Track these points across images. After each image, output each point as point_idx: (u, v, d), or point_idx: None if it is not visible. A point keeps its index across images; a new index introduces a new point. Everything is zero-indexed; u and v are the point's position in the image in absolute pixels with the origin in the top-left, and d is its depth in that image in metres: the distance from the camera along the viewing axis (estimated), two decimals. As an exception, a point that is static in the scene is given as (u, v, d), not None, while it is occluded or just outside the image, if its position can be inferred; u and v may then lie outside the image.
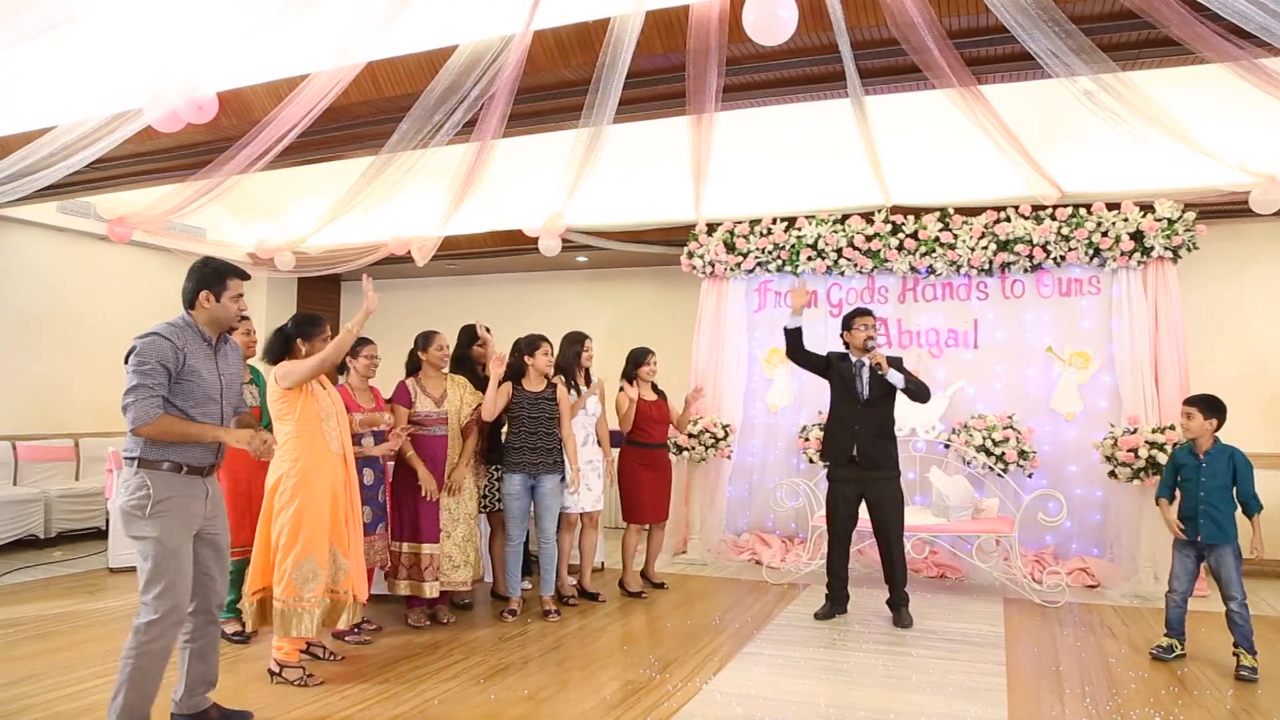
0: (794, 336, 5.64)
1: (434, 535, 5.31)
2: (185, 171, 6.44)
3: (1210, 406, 4.74)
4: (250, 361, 5.13)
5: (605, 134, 5.43)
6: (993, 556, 6.50)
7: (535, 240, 7.74)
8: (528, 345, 5.60)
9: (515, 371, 5.60)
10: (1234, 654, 4.61)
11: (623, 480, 6.31)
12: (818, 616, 5.58)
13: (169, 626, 3.37)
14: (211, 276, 3.57)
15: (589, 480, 5.98)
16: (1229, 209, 6.49)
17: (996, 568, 6.41)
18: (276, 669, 4.27)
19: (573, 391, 5.84)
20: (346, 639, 4.95)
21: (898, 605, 5.50)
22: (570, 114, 5.37)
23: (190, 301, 3.57)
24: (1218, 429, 4.74)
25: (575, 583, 6.15)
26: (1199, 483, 4.70)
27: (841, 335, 5.67)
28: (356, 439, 4.97)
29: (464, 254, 8.92)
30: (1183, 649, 4.83)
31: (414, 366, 5.55)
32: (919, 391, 5.52)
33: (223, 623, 4.81)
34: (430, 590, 5.28)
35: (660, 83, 5.09)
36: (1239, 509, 4.65)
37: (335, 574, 4.29)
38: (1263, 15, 3.89)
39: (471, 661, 4.68)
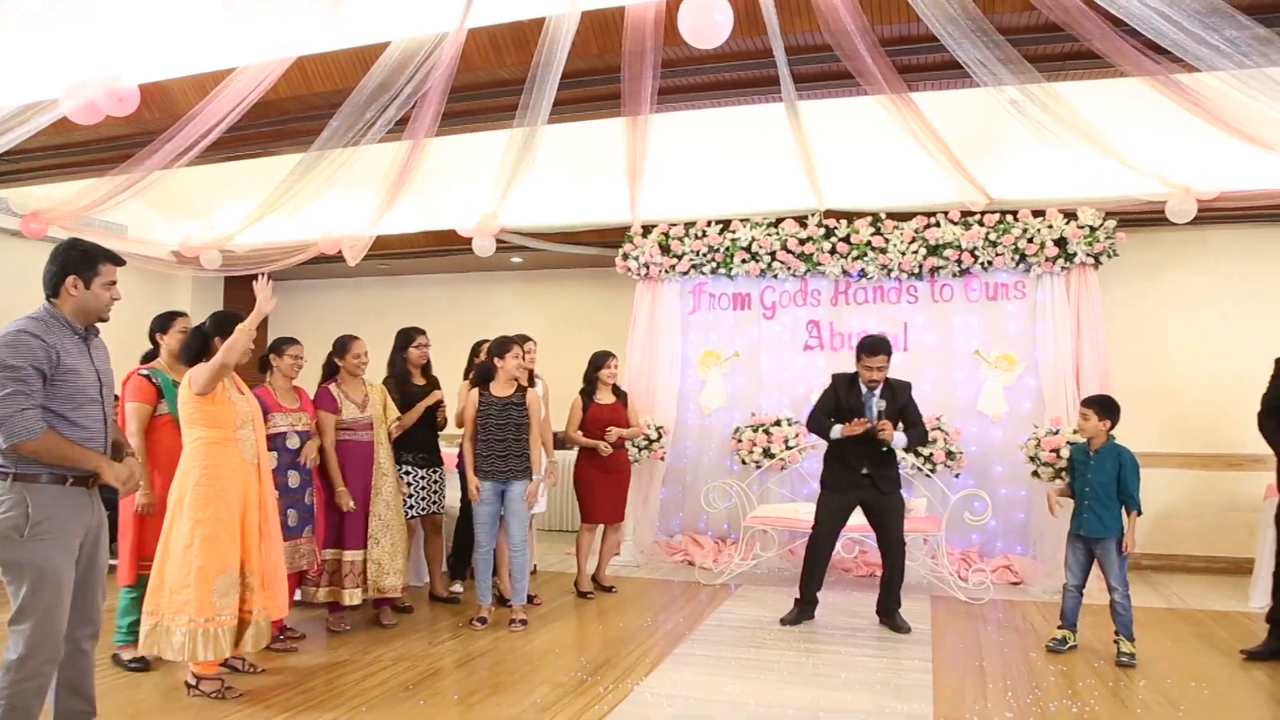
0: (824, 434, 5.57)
1: (359, 541, 5.22)
2: (105, 165, 6.24)
3: (1104, 408, 4.99)
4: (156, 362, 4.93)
5: (540, 134, 5.41)
6: (920, 555, 6.61)
7: (469, 240, 7.65)
8: (498, 348, 5.47)
9: (484, 375, 5.53)
10: (1115, 641, 4.84)
11: (577, 482, 6.32)
12: (785, 622, 5.53)
13: (44, 662, 3.01)
14: (80, 260, 3.17)
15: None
16: (1147, 218, 6.69)
17: (924, 566, 6.53)
18: (194, 681, 4.12)
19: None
20: (271, 647, 4.77)
21: (893, 610, 5.49)
22: (505, 113, 5.34)
23: (54, 289, 3.16)
24: (1111, 429, 4.98)
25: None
26: (1086, 479, 4.95)
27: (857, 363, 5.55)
28: (281, 438, 4.87)
29: (397, 254, 8.79)
30: (1075, 640, 5.04)
31: (331, 371, 5.47)
32: (920, 441, 5.60)
33: (120, 647, 4.55)
34: (350, 598, 5.17)
35: (595, 84, 5.09)
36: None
37: (243, 593, 4.08)
38: (1176, 32, 4.04)
39: (401, 667, 4.61)
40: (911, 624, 5.41)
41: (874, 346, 5.45)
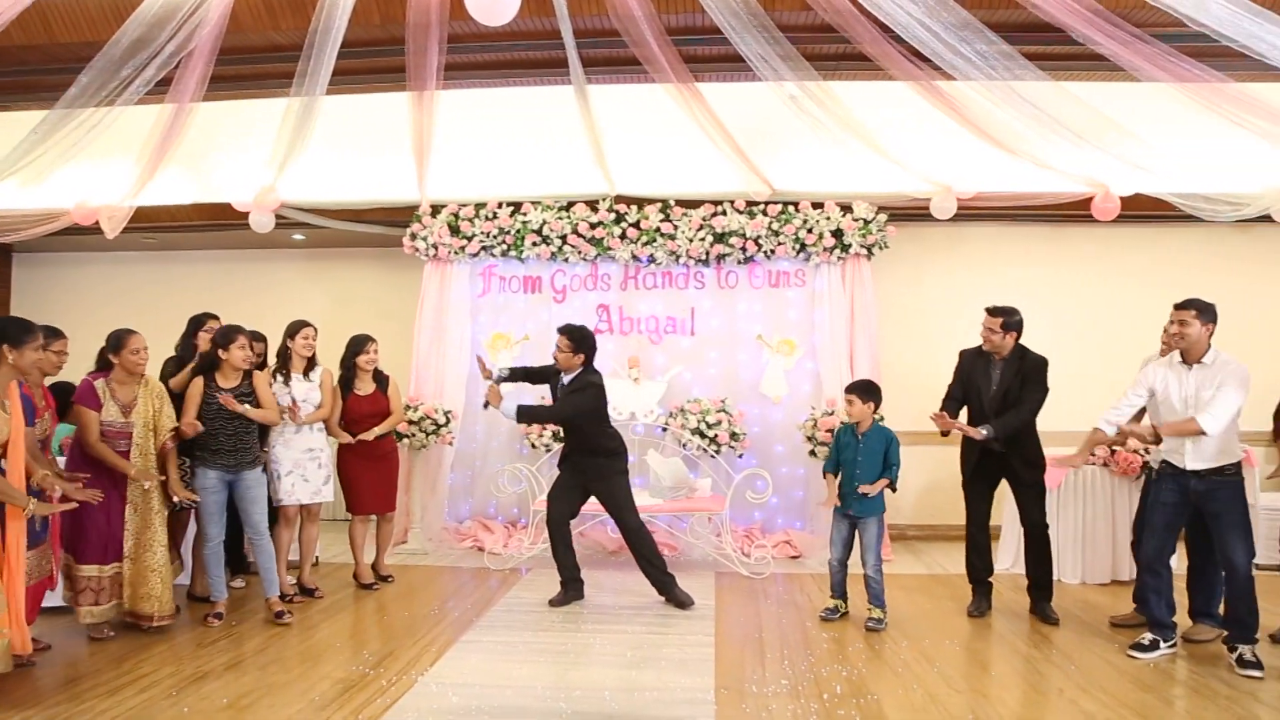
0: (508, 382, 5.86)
1: (100, 556, 4.80)
2: None
3: (866, 392, 5.37)
4: None
5: (319, 105, 5.14)
6: (705, 534, 6.83)
7: (246, 216, 7.18)
8: (222, 338, 5.14)
9: (208, 365, 5.18)
10: (867, 608, 5.22)
11: (341, 473, 6.09)
12: (553, 604, 5.57)
13: None
14: None
15: (308, 471, 5.69)
16: (914, 213, 7.19)
17: (709, 544, 6.75)
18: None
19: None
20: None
21: (669, 586, 5.59)
22: (281, 81, 5.05)
23: None
24: (875, 410, 5.36)
25: (295, 580, 5.82)
26: (856, 461, 5.28)
27: None
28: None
29: (164, 227, 8.13)
30: (846, 609, 5.39)
31: (106, 363, 4.96)
32: (529, 415, 5.64)
33: None
34: (85, 615, 4.76)
35: (378, 55, 4.91)
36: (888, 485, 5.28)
37: None
38: (935, 42, 4.36)
39: (164, 673, 4.29)
40: (696, 599, 5.57)
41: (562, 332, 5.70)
